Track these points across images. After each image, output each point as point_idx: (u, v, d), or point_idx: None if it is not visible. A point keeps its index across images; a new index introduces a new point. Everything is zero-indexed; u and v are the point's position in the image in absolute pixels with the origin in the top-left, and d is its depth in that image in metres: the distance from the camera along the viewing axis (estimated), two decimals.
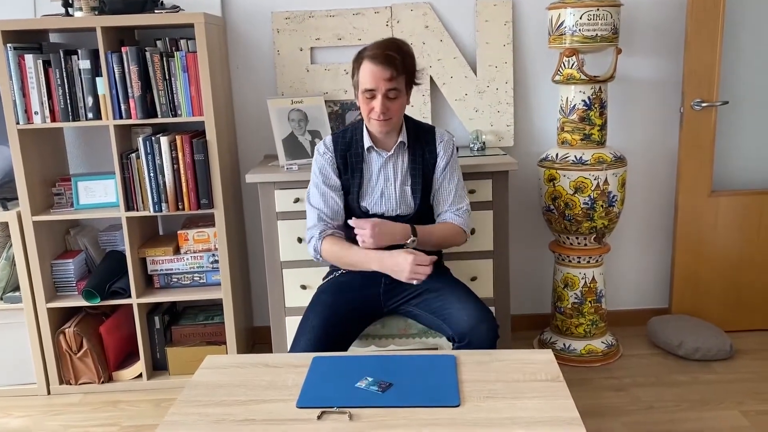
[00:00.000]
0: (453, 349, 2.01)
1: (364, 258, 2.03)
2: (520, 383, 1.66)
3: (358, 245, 2.05)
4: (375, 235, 1.99)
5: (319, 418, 1.52)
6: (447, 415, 1.52)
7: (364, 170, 2.14)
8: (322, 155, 2.16)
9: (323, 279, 2.29)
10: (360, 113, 2.11)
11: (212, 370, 1.80)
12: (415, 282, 1.98)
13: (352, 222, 2.04)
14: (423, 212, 2.17)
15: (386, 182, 2.15)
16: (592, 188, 2.68)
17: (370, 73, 1.98)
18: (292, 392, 1.64)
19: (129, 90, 2.55)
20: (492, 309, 2.62)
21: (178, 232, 2.79)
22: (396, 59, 1.97)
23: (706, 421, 2.39)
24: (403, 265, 1.95)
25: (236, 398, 1.63)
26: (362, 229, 2.00)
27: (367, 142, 2.13)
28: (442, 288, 2.10)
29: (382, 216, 2.13)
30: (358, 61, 2.03)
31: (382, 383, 1.65)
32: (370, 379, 1.67)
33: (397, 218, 2.14)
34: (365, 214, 2.14)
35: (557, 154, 2.75)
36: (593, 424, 2.36)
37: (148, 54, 2.54)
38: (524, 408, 1.54)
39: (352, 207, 2.15)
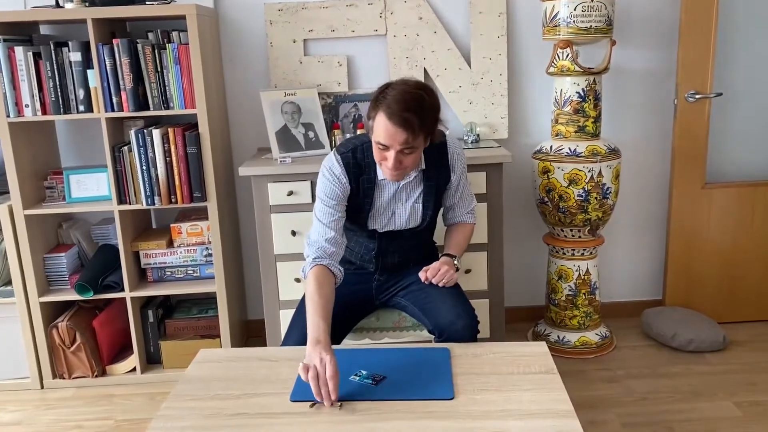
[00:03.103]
0: (434, 342, 2.00)
1: (309, 321, 1.75)
2: (514, 376, 1.66)
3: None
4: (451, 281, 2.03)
5: (311, 406, 1.52)
6: (441, 407, 1.52)
7: (375, 195, 2.04)
8: (335, 180, 1.99)
9: None
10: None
11: (206, 364, 1.79)
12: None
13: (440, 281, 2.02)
14: (431, 223, 2.15)
15: (398, 203, 2.08)
16: (586, 180, 2.68)
17: (384, 129, 1.81)
18: (286, 386, 1.64)
19: (120, 82, 2.53)
20: (486, 301, 2.64)
21: (171, 225, 2.77)
22: (414, 123, 1.79)
23: (699, 412, 2.40)
24: (307, 362, 1.60)
25: (230, 392, 1.63)
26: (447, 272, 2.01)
27: (380, 174, 2.00)
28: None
29: (389, 232, 2.11)
30: (375, 107, 1.83)
31: (375, 376, 1.65)
32: (363, 372, 1.67)
33: (405, 231, 2.11)
34: (370, 232, 2.10)
35: (551, 146, 2.75)
36: (587, 415, 2.37)
37: (139, 46, 2.52)
38: (518, 400, 1.54)
39: (359, 225, 2.09)
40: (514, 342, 1.89)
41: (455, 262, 2.09)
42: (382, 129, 1.82)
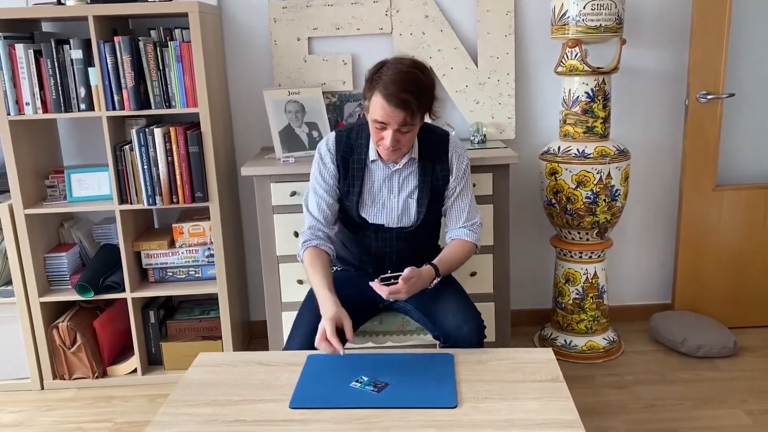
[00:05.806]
0: (439, 348, 1.96)
1: (316, 291, 1.89)
2: (519, 383, 1.62)
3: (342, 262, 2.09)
4: (409, 292, 1.84)
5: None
6: (444, 416, 1.48)
7: (365, 179, 2.01)
8: (322, 158, 2.03)
9: None
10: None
11: (204, 368, 1.76)
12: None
13: (382, 293, 1.81)
14: (424, 224, 2.07)
15: (389, 194, 2.02)
16: (595, 182, 2.63)
17: (381, 108, 1.80)
18: (285, 392, 1.60)
19: (122, 80, 2.50)
20: (491, 304, 2.61)
21: (173, 225, 2.75)
22: (412, 104, 1.78)
23: (708, 420, 2.35)
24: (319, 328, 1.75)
25: (228, 398, 1.60)
26: (398, 292, 1.82)
27: (372, 155, 1.99)
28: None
29: (380, 227, 2.04)
30: (371, 87, 1.83)
31: (377, 383, 1.61)
32: (365, 379, 1.63)
33: (398, 230, 2.05)
34: (363, 223, 2.05)
35: (559, 147, 2.70)
36: (593, 422, 2.33)
37: (141, 44, 2.49)
38: (523, 409, 1.50)
39: (351, 215, 2.04)
40: (519, 348, 1.85)
41: (435, 280, 1.94)
42: (378, 107, 1.81)
